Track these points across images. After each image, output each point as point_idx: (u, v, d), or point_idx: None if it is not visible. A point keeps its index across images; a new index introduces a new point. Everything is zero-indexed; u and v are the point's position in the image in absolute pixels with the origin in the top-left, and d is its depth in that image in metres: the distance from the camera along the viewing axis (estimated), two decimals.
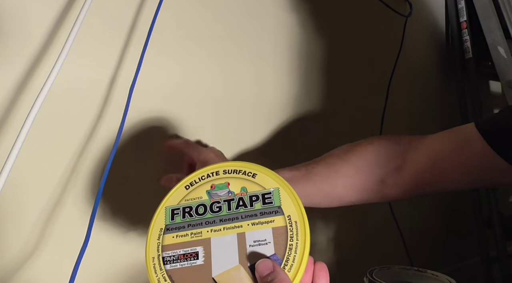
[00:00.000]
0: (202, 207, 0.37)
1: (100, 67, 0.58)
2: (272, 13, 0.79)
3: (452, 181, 0.53)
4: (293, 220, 0.35)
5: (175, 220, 0.36)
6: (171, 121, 0.65)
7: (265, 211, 0.36)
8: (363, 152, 0.56)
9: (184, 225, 0.36)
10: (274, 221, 0.35)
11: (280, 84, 0.80)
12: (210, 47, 0.70)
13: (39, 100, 0.43)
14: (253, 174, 0.38)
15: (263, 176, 0.38)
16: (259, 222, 0.35)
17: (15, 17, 0.51)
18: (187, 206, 0.37)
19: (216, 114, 0.71)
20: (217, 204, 0.37)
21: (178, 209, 0.37)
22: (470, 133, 0.51)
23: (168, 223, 0.36)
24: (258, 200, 0.36)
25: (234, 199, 0.37)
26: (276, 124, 0.79)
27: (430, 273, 0.65)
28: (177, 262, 0.34)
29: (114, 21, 0.59)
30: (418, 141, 0.55)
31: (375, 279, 0.62)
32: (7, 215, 0.51)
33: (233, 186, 0.38)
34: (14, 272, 0.51)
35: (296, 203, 0.36)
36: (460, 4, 1.14)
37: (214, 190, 0.38)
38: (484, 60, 1.11)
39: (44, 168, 0.54)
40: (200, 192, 0.38)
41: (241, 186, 0.37)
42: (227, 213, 0.36)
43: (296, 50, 0.83)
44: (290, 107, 0.82)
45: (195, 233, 0.35)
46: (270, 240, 0.34)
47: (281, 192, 0.37)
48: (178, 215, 0.36)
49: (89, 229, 0.44)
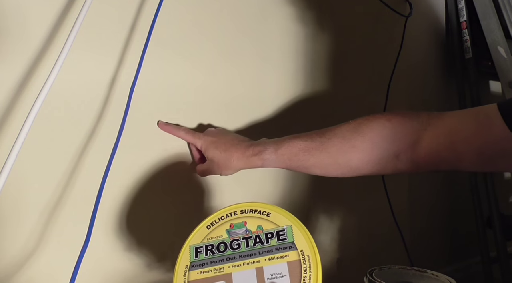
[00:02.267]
0: (223, 245, 0.41)
1: (100, 67, 0.58)
2: (272, 13, 0.79)
3: (467, 162, 0.52)
4: (305, 254, 0.38)
5: (199, 257, 0.40)
6: (172, 121, 0.65)
7: (280, 247, 0.40)
8: (380, 128, 0.56)
9: (207, 261, 0.40)
10: (289, 255, 0.39)
11: (282, 85, 0.80)
12: (211, 47, 0.70)
13: (39, 100, 0.43)
14: (267, 213, 0.42)
15: (276, 215, 0.42)
16: (275, 257, 0.39)
17: (15, 17, 0.51)
18: (209, 244, 0.41)
19: (217, 114, 0.71)
20: (236, 242, 0.41)
21: (201, 247, 0.41)
22: (491, 115, 0.49)
23: (192, 260, 0.40)
24: (273, 237, 0.40)
25: (251, 237, 0.41)
26: (278, 124, 0.79)
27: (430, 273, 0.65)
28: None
29: (115, 21, 0.59)
30: (436, 118, 0.54)
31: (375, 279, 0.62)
32: (7, 215, 0.51)
33: (250, 225, 0.42)
34: (14, 272, 0.51)
35: (307, 238, 0.40)
36: (460, 4, 1.14)
37: (233, 229, 0.42)
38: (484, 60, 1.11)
39: (44, 168, 0.54)
40: (220, 231, 0.42)
41: (257, 225, 0.42)
42: (245, 249, 0.40)
43: (296, 51, 0.83)
44: (292, 107, 0.82)
45: (218, 269, 0.39)
46: (286, 273, 0.37)
47: (293, 229, 0.41)
48: (201, 253, 0.40)
49: (89, 229, 0.44)
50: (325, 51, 0.88)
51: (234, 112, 0.73)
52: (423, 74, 1.15)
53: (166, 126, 0.63)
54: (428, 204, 1.15)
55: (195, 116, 0.68)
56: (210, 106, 0.70)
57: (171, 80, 0.65)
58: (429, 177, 1.16)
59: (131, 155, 0.60)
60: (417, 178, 1.10)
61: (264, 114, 0.78)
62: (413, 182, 1.09)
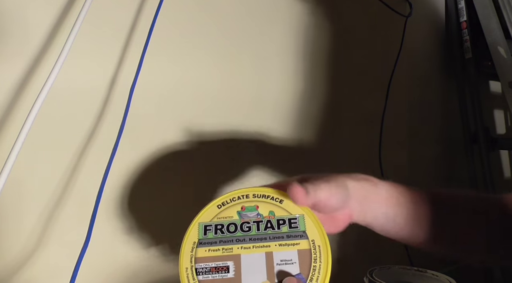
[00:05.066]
0: (233, 225, 0.40)
1: (100, 68, 0.58)
2: (272, 14, 0.79)
3: None
4: (316, 244, 0.38)
5: (208, 235, 0.39)
6: (172, 121, 0.65)
7: (291, 234, 0.39)
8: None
9: (216, 240, 0.39)
10: (299, 244, 0.38)
11: (282, 85, 0.80)
12: (212, 47, 0.70)
13: (39, 100, 0.43)
14: (280, 200, 0.41)
15: (289, 203, 0.41)
16: (285, 244, 0.38)
17: (15, 17, 0.51)
18: (219, 224, 0.40)
19: (217, 114, 0.71)
20: (247, 224, 0.40)
21: (211, 225, 0.40)
22: None
23: (201, 237, 0.39)
24: (285, 224, 0.40)
25: (262, 221, 0.40)
26: (278, 124, 0.79)
27: (430, 273, 0.65)
28: (209, 273, 0.36)
29: (115, 21, 0.59)
30: None
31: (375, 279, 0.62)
32: (7, 215, 0.51)
33: (262, 209, 0.41)
34: (14, 272, 0.51)
35: (319, 229, 0.39)
36: (460, 4, 1.14)
37: (244, 211, 0.41)
38: (484, 60, 1.11)
39: (45, 168, 0.54)
40: (231, 212, 0.41)
41: (269, 210, 0.41)
42: (256, 233, 0.39)
43: (296, 50, 0.83)
44: (292, 107, 0.82)
45: (226, 249, 0.38)
46: (296, 261, 0.37)
47: (306, 218, 0.40)
48: (211, 231, 0.39)
49: (89, 229, 0.44)
50: (325, 51, 0.88)
51: (234, 112, 0.73)
52: (423, 74, 1.15)
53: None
54: None
55: (195, 116, 0.68)
56: (210, 106, 0.70)
57: (171, 80, 0.65)
58: (429, 177, 1.16)
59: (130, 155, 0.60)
60: (417, 177, 1.10)
61: (264, 114, 0.78)
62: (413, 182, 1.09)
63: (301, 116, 0.83)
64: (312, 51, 0.86)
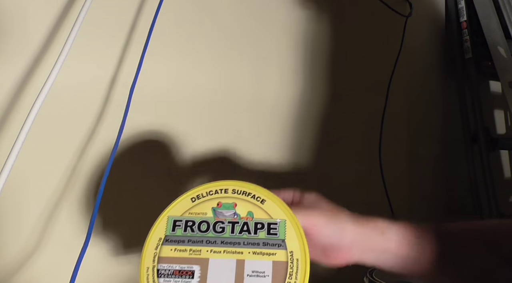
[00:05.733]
0: (205, 224, 0.36)
1: (100, 67, 0.58)
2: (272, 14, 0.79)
3: None
4: (295, 257, 0.34)
5: (176, 232, 0.35)
6: (172, 121, 0.65)
7: (268, 242, 0.35)
8: None
9: (184, 239, 0.35)
10: (276, 254, 0.35)
11: (282, 84, 0.80)
12: (211, 47, 0.70)
13: (39, 100, 0.43)
14: (262, 199, 0.37)
15: (271, 204, 0.37)
16: (260, 252, 0.35)
17: (15, 17, 0.51)
18: (190, 220, 0.36)
19: (217, 114, 0.71)
20: (221, 224, 0.36)
21: (181, 221, 0.36)
22: None
23: (168, 233, 0.35)
24: (263, 228, 0.36)
25: (239, 223, 0.36)
26: (278, 124, 0.79)
27: None
28: (171, 277, 0.33)
29: (115, 21, 0.59)
30: None
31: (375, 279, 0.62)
32: (7, 215, 0.51)
33: (240, 208, 0.37)
34: (14, 272, 0.51)
35: (300, 239, 0.35)
36: (460, 4, 1.14)
37: (220, 208, 0.37)
38: (484, 60, 1.11)
39: (45, 168, 0.54)
40: (205, 208, 0.37)
41: (248, 210, 0.37)
42: (229, 235, 0.35)
43: (296, 50, 0.83)
44: (292, 107, 0.82)
45: (194, 250, 0.35)
46: (269, 274, 0.33)
47: (287, 225, 0.36)
48: (180, 228, 0.36)
49: (89, 229, 0.44)
50: (325, 51, 0.88)
51: (234, 112, 0.73)
52: (423, 74, 1.15)
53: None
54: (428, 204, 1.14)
55: (195, 115, 0.68)
56: (210, 106, 0.70)
57: (171, 80, 0.65)
58: (429, 177, 1.16)
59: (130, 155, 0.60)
60: (417, 177, 1.10)
61: (264, 114, 0.78)
62: (413, 182, 1.09)
63: (300, 116, 0.83)
64: (312, 51, 0.86)
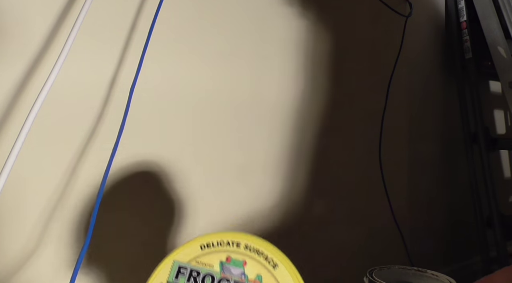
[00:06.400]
0: (210, 278, 0.33)
1: (100, 67, 0.58)
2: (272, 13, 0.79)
3: None
4: None
5: (179, 280, 0.33)
6: (172, 121, 0.65)
7: None
8: None
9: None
10: None
11: (282, 84, 0.80)
12: (211, 47, 0.70)
13: (39, 100, 0.43)
14: (274, 263, 0.34)
15: (283, 271, 0.34)
16: None
17: (15, 17, 0.51)
18: (196, 270, 0.33)
19: (217, 114, 0.71)
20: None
21: (186, 269, 0.33)
22: None
23: (171, 280, 0.33)
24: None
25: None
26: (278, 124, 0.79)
27: (430, 273, 0.65)
28: None
29: (115, 21, 0.59)
30: None
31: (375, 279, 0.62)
32: (7, 215, 0.51)
33: (249, 268, 0.34)
34: (14, 272, 0.51)
35: None
36: (460, 4, 1.14)
37: (229, 263, 0.34)
38: (484, 60, 1.12)
39: (44, 168, 0.54)
40: (213, 259, 0.34)
41: (257, 273, 0.34)
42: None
43: (296, 50, 0.83)
44: (292, 107, 0.82)
45: None
46: None
47: None
48: (184, 276, 0.33)
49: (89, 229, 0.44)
50: (325, 51, 0.88)
51: (234, 112, 0.73)
52: (423, 74, 1.15)
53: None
54: (428, 204, 1.15)
55: (195, 115, 0.68)
56: (210, 106, 0.70)
57: (171, 80, 0.65)
58: (429, 177, 1.16)
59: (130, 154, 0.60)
60: (417, 178, 1.10)
61: (264, 114, 0.78)
62: (413, 182, 1.09)
63: (301, 116, 0.83)
64: (312, 51, 0.86)
